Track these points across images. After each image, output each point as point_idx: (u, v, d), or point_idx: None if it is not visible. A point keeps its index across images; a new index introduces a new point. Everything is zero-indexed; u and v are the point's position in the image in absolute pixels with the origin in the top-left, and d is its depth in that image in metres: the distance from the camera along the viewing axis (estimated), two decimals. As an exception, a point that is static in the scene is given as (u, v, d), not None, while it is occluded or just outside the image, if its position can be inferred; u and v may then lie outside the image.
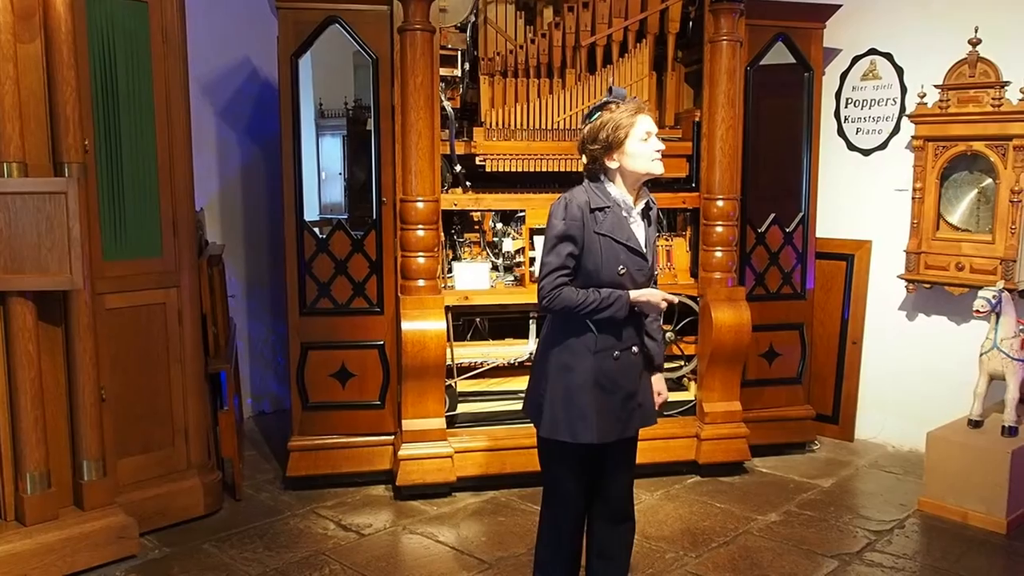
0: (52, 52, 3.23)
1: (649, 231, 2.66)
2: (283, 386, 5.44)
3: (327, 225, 4.19)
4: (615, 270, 2.53)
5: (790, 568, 3.44)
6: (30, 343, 3.23)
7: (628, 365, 2.63)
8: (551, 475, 2.72)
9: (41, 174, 3.24)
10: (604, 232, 2.52)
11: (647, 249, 2.62)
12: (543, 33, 4.27)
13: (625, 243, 2.55)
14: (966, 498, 3.84)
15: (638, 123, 2.54)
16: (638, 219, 2.62)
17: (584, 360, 2.58)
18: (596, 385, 2.58)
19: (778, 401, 4.71)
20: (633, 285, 2.57)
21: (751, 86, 4.43)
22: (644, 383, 2.72)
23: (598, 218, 2.53)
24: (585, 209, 2.53)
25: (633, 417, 2.66)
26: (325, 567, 3.43)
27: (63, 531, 3.32)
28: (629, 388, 2.64)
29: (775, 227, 4.59)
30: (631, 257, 2.56)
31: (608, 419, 2.60)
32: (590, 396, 2.57)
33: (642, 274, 2.60)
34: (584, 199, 2.55)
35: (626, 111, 2.56)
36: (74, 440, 3.43)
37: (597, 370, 2.58)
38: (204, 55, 4.64)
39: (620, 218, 2.56)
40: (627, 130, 2.54)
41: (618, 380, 2.61)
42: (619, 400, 2.62)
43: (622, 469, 2.74)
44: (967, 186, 4.40)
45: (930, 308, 4.67)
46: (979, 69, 4.21)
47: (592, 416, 2.57)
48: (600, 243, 2.52)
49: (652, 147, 2.56)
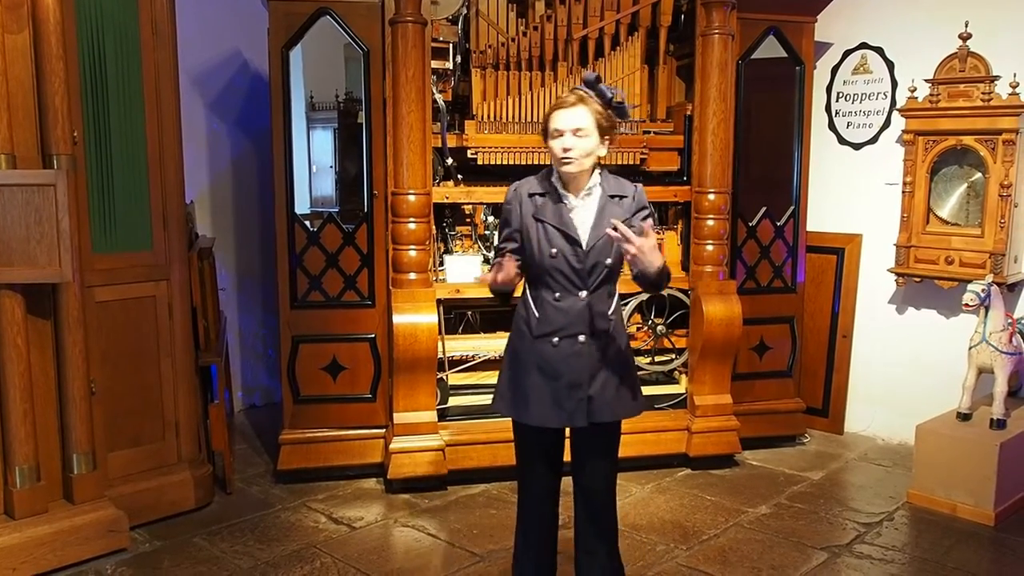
0: (40, 43, 3.20)
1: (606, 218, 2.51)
2: (274, 379, 5.43)
3: (318, 218, 4.18)
4: (548, 253, 2.53)
5: (780, 560, 3.45)
6: (19, 336, 3.22)
7: (571, 353, 2.56)
8: (516, 459, 2.74)
9: (30, 166, 3.22)
10: (541, 217, 2.55)
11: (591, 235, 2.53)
12: (535, 26, 4.26)
13: (559, 228, 2.53)
14: (955, 490, 3.86)
15: (551, 119, 2.52)
16: (582, 206, 2.56)
17: (525, 342, 2.61)
18: (536, 369, 2.58)
19: (768, 394, 4.73)
20: (570, 269, 2.53)
21: (743, 80, 4.43)
22: (603, 376, 2.59)
23: (536, 203, 2.57)
24: (523, 195, 2.59)
25: (579, 408, 2.56)
26: (316, 560, 3.43)
27: (53, 525, 3.31)
28: (573, 378, 2.56)
29: (766, 221, 4.60)
30: (565, 242, 2.53)
31: (547, 404, 2.57)
32: (530, 379, 2.59)
33: (578, 259, 2.53)
34: (526, 185, 2.62)
35: (557, 103, 2.55)
36: (64, 434, 3.41)
37: (537, 354, 2.58)
38: (194, 47, 4.61)
39: (556, 204, 2.56)
40: (545, 124, 2.56)
41: (558, 367, 2.56)
42: (562, 388, 2.56)
43: (593, 460, 2.67)
44: (957, 180, 4.41)
45: (919, 302, 4.69)
46: (969, 64, 4.22)
47: (532, 398, 2.58)
48: (536, 227, 2.55)
49: (560, 145, 2.49)
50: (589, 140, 2.50)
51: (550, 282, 2.56)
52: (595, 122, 2.50)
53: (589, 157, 2.52)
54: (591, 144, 2.51)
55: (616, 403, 2.63)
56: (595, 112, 2.51)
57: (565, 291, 2.55)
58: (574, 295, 2.55)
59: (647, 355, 4.47)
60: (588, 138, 2.49)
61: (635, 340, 4.44)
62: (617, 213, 2.55)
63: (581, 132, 2.48)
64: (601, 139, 2.53)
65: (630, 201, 2.61)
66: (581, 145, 2.49)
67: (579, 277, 2.55)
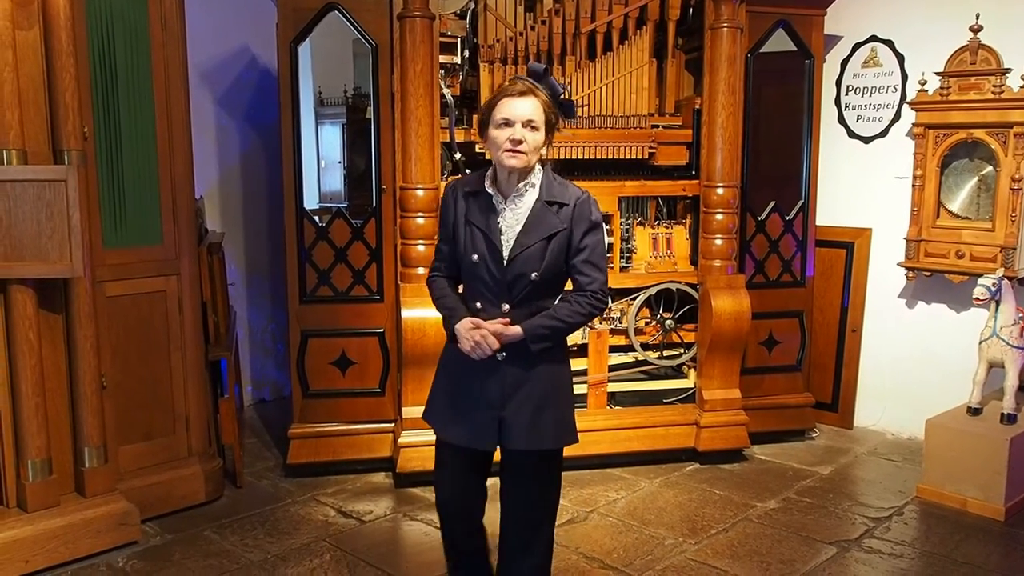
0: (51, 39, 3.22)
1: (537, 225, 2.35)
2: (283, 374, 5.45)
3: (327, 213, 4.19)
4: (471, 257, 2.36)
5: (789, 554, 3.45)
6: (31, 331, 3.24)
7: (486, 369, 2.37)
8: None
9: (41, 162, 3.23)
10: (469, 218, 2.38)
11: (516, 243, 2.35)
12: (543, 20, 4.26)
13: (483, 231, 2.36)
14: (965, 485, 3.85)
15: (499, 107, 2.31)
16: (512, 209, 2.38)
17: (449, 352, 2.49)
18: (451, 379, 2.47)
19: (777, 389, 4.72)
20: (489, 278, 2.35)
21: (751, 73, 4.41)
22: (522, 398, 2.38)
23: (469, 202, 2.40)
24: (460, 192, 2.42)
25: (488, 430, 2.37)
26: (326, 553, 3.45)
27: (65, 518, 3.33)
28: (485, 395, 2.38)
29: (775, 215, 4.59)
30: (487, 248, 2.35)
31: (455, 419, 2.43)
32: (444, 388, 2.49)
33: (498, 268, 2.34)
34: (463, 182, 2.45)
35: (504, 90, 2.34)
36: (75, 427, 3.44)
37: (456, 365, 2.43)
38: (203, 42, 4.62)
39: (489, 205, 2.38)
40: (490, 112, 2.34)
41: (471, 381, 2.39)
42: (471, 404, 2.40)
43: (512, 490, 2.49)
44: (967, 174, 4.39)
45: (930, 296, 4.67)
46: (980, 56, 4.20)
47: (441, 408, 2.48)
48: (465, 228, 2.38)
49: (506, 135, 2.29)
50: (539, 135, 2.32)
51: (473, 291, 2.42)
52: (544, 116, 2.33)
53: (535, 153, 2.34)
54: (540, 139, 2.33)
55: (531, 431, 2.38)
56: (544, 105, 2.33)
57: (487, 302, 2.38)
58: (496, 307, 2.36)
59: (655, 349, 4.47)
60: (538, 132, 2.32)
61: (643, 335, 4.43)
62: (551, 222, 2.35)
63: (533, 124, 2.30)
64: (547, 136, 2.36)
65: (569, 211, 2.36)
66: (532, 138, 2.30)
67: (499, 287, 2.36)
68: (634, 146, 4.29)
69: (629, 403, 4.45)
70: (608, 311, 4.36)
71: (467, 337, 2.34)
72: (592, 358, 4.32)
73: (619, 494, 4.03)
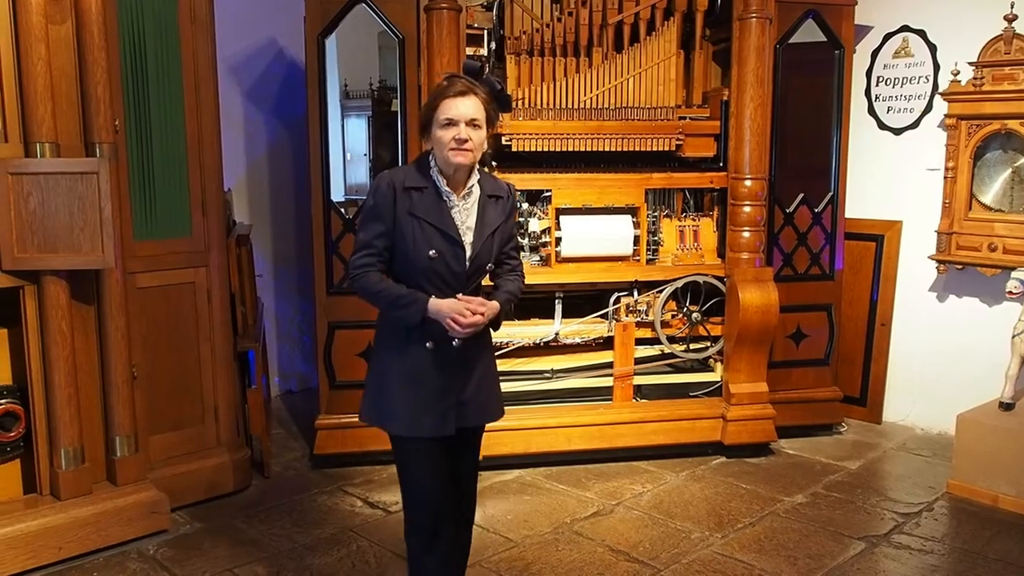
0: (83, 33, 3.26)
1: (487, 219, 2.46)
2: (310, 365, 5.48)
3: (353, 206, 4.21)
4: (426, 254, 2.37)
5: (817, 549, 3.43)
6: (63, 321, 3.28)
7: (447, 359, 2.44)
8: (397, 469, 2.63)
9: (73, 154, 3.27)
10: (417, 214, 2.38)
11: (475, 237, 2.43)
12: (570, 11, 4.24)
13: (438, 227, 2.38)
14: (996, 481, 3.80)
15: (442, 108, 2.34)
16: (463, 205, 2.44)
17: (395, 348, 2.47)
18: (404, 376, 2.45)
19: (805, 383, 4.68)
20: (449, 272, 2.40)
21: (780, 64, 4.36)
22: (476, 379, 2.51)
23: (413, 197, 2.39)
24: (398, 187, 2.39)
25: (449, 416, 2.46)
26: (352, 543, 3.47)
27: (96, 506, 3.38)
28: (445, 384, 2.45)
29: (804, 207, 4.54)
30: (445, 243, 2.39)
31: (417, 414, 2.45)
32: (397, 388, 2.46)
33: (459, 262, 2.40)
34: (400, 177, 2.42)
35: (443, 90, 2.37)
36: (107, 417, 3.49)
37: (408, 360, 2.45)
38: (231, 35, 4.64)
39: (436, 201, 2.40)
40: (431, 113, 2.38)
41: (430, 374, 2.44)
42: (431, 395, 2.44)
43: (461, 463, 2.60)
44: (1001, 165, 4.32)
45: (961, 289, 4.60)
46: (1015, 46, 4.12)
47: (398, 409, 2.46)
48: (412, 225, 2.38)
49: (451, 135, 2.33)
50: (482, 132, 2.38)
51: (425, 284, 2.41)
52: (485, 113, 2.38)
53: (480, 149, 2.39)
54: (483, 136, 2.39)
55: (485, 407, 2.57)
56: (484, 102, 2.38)
57: (442, 294, 2.40)
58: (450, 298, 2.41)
59: (682, 342, 4.45)
60: (481, 130, 2.37)
61: (670, 327, 4.41)
62: (495, 215, 2.48)
63: (476, 122, 2.35)
64: (488, 130, 2.41)
65: (505, 202, 2.51)
66: (477, 136, 2.36)
67: (458, 280, 2.42)
68: (661, 138, 4.27)
69: (655, 396, 4.44)
70: (635, 303, 4.34)
71: (462, 312, 2.37)
72: (618, 351, 4.31)
73: (645, 487, 4.02)
